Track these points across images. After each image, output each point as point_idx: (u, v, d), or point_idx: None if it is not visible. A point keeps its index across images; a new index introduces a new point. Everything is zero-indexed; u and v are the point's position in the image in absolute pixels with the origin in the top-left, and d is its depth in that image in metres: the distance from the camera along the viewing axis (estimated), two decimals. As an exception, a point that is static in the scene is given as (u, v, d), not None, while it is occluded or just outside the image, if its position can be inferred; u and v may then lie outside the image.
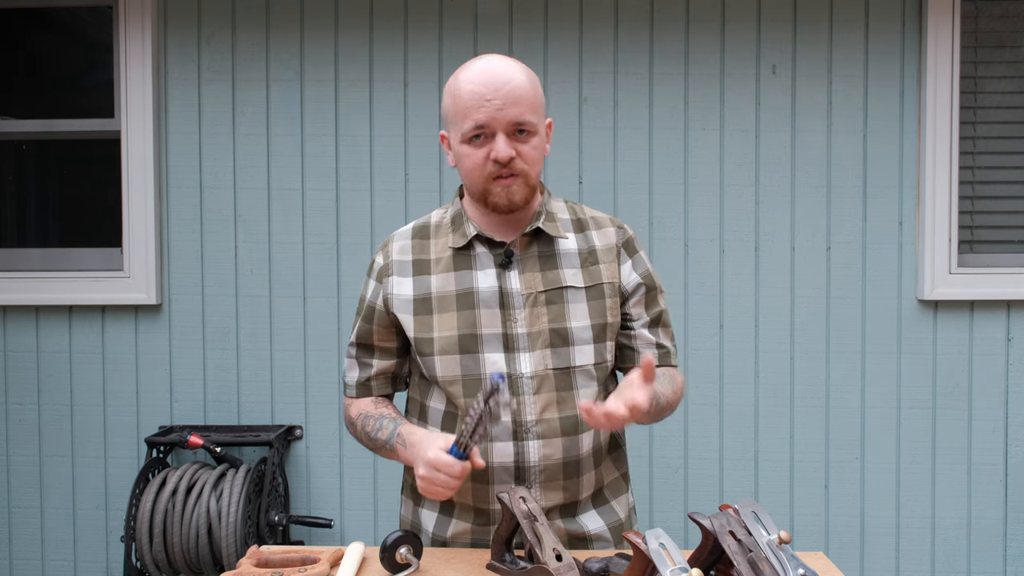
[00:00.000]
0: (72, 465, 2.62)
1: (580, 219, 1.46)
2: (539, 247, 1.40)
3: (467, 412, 1.26)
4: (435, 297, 1.38)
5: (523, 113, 1.31)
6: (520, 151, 1.33)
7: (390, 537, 1.26)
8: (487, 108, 1.30)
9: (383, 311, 1.42)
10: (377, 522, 2.58)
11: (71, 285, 2.58)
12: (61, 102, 2.75)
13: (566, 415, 1.36)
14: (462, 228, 1.41)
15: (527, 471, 1.35)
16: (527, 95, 1.32)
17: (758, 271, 2.55)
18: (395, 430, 1.37)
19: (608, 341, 1.41)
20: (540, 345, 1.36)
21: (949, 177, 2.49)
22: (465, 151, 1.34)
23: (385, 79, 2.56)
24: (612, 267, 1.42)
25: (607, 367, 1.42)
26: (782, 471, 2.55)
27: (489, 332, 1.36)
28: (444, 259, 1.40)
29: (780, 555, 1.07)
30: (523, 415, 1.35)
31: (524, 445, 1.34)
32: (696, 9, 2.54)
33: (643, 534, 1.09)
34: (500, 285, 1.37)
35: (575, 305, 1.38)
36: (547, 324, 1.36)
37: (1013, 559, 2.53)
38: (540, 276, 1.38)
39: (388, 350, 1.45)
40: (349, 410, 1.49)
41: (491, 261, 1.39)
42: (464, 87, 1.32)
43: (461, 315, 1.36)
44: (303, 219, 2.58)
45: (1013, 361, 2.53)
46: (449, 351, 1.36)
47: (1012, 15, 2.57)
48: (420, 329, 1.38)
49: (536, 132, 1.34)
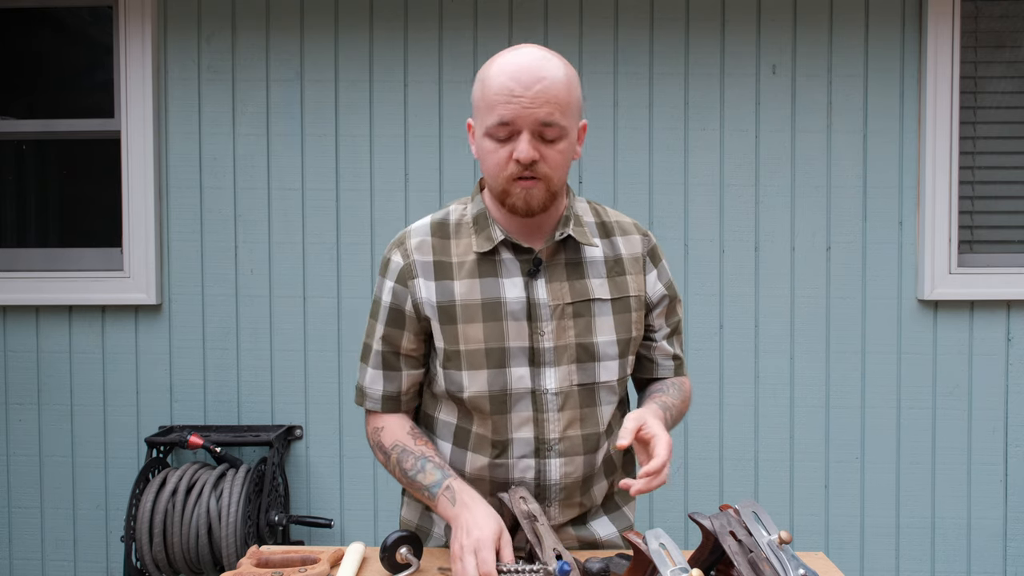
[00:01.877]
0: (72, 465, 2.62)
1: (605, 223, 1.40)
2: (566, 254, 1.33)
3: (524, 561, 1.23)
4: (459, 305, 1.30)
5: (552, 114, 1.21)
6: (544, 154, 1.23)
7: (390, 537, 1.26)
8: (514, 105, 1.20)
9: (414, 316, 1.33)
10: (377, 522, 2.58)
11: (71, 285, 2.58)
12: (61, 102, 2.75)
13: (589, 432, 1.33)
14: (487, 231, 1.32)
15: (547, 489, 1.32)
16: (560, 95, 1.22)
17: (758, 271, 2.55)
18: (443, 481, 1.28)
19: (631, 355, 1.37)
20: (566, 360, 1.30)
21: (949, 177, 2.49)
22: (488, 146, 1.25)
23: (385, 79, 2.56)
24: (639, 278, 1.37)
25: (627, 381, 1.40)
26: (782, 471, 2.55)
27: (516, 345, 1.29)
28: (468, 264, 1.32)
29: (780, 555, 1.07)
30: (546, 433, 1.30)
31: (546, 463, 1.31)
32: (696, 9, 2.54)
33: (643, 534, 1.09)
34: (528, 295, 1.30)
35: (601, 319, 1.33)
36: (574, 338, 1.31)
37: (1013, 559, 2.53)
38: (567, 286, 1.32)
39: (417, 359, 1.37)
40: (380, 434, 1.38)
41: (518, 269, 1.31)
42: (495, 77, 1.23)
43: (488, 326, 1.29)
44: (303, 219, 2.58)
45: (1013, 361, 2.53)
46: (477, 365, 1.29)
47: (1012, 15, 2.57)
48: (447, 340, 1.31)
49: (564, 136, 1.24)
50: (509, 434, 1.31)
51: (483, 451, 1.33)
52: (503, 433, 1.31)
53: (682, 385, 1.44)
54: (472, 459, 1.34)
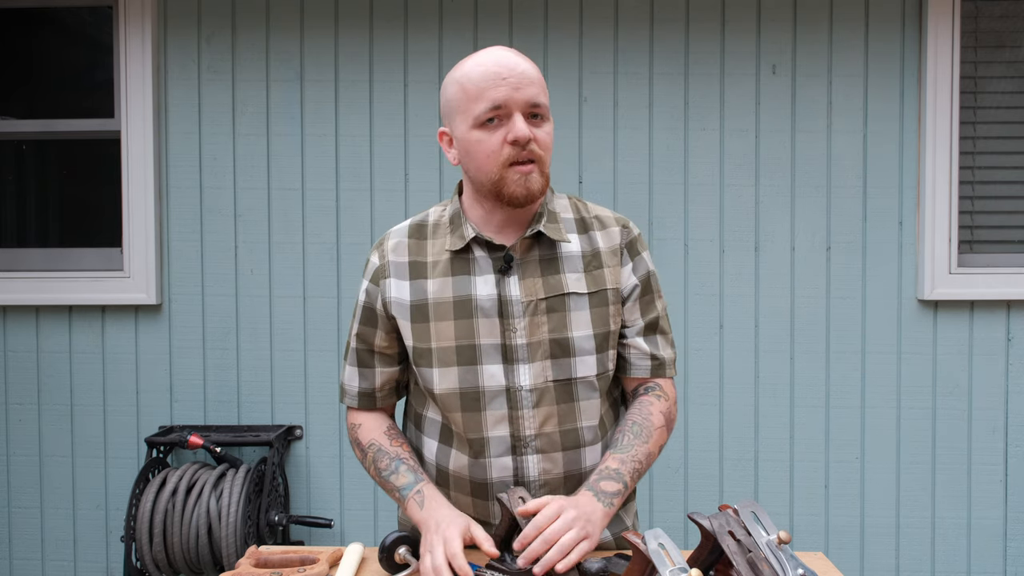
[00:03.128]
0: (72, 465, 2.62)
1: (584, 218, 1.39)
2: (540, 250, 1.33)
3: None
4: (432, 304, 1.32)
5: (538, 95, 1.25)
6: (536, 136, 1.25)
7: (389, 537, 1.26)
8: (504, 87, 1.22)
9: (384, 315, 1.36)
10: (377, 522, 2.58)
11: (71, 285, 2.58)
12: (61, 102, 2.75)
13: (567, 428, 1.32)
14: (460, 230, 1.33)
15: (527, 486, 1.32)
16: (539, 79, 1.27)
17: (758, 271, 2.55)
18: (415, 485, 1.30)
19: (611, 350, 1.35)
20: (540, 356, 1.30)
21: (949, 177, 2.49)
22: (477, 137, 1.25)
23: (385, 79, 2.56)
24: (615, 271, 1.36)
25: (609, 376, 1.37)
26: (782, 471, 2.55)
27: (488, 343, 1.30)
28: (441, 262, 1.33)
29: (780, 555, 1.07)
30: (522, 429, 1.30)
31: (523, 460, 1.31)
32: (696, 9, 2.54)
33: (642, 534, 1.09)
34: (499, 292, 1.30)
35: (577, 313, 1.31)
36: (547, 334, 1.30)
37: (1013, 559, 2.53)
38: (541, 282, 1.31)
39: (391, 356, 1.39)
40: (357, 431, 1.41)
41: (490, 266, 1.32)
42: (475, 70, 1.25)
43: (459, 324, 1.30)
44: (303, 219, 2.58)
45: (1013, 361, 2.53)
46: (447, 363, 1.30)
47: (1012, 15, 2.57)
48: (418, 338, 1.32)
49: (548, 118, 1.28)
50: (485, 432, 1.31)
51: (463, 449, 1.34)
52: (478, 431, 1.31)
53: (647, 421, 1.33)
54: (455, 457, 1.35)
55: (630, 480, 1.27)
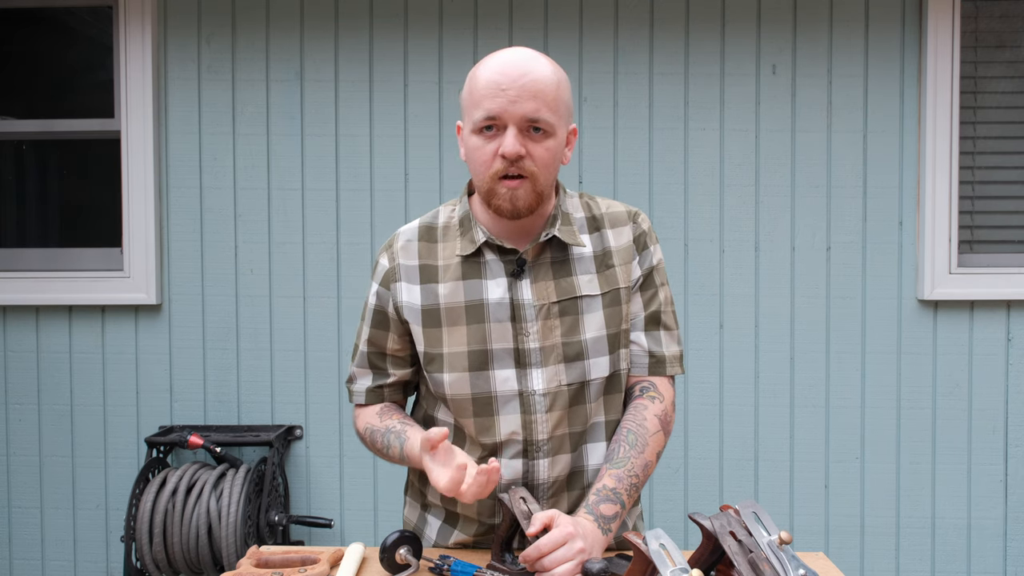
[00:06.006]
0: (72, 465, 2.62)
1: (595, 216, 1.36)
2: (552, 253, 1.31)
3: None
4: (443, 309, 1.30)
5: (539, 109, 1.20)
6: (531, 151, 1.21)
7: (390, 537, 1.26)
8: (500, 98, 1.19)
9: (396, 318, 1.34)
10: (377, 522, 2.58)
11: (71, 285, 2.58)
12: (61, 102, 2.75)
13: (575, 430, 1.32)
14: (470, 233, 1.31)
15: (536, 489, 1.32)
16: (547, 92, 1.21)
17: (758, 271, 2.55)
18: (401, 449, 1.30)
19: (622, 348, 1.33)
20: (553, 360, 1.29)
21: (949, 177, 2.49)
22: (474, 143, 1.24)
23: (385, 79, 2.56)
24: (627, 268, 1.34)
25: (622, 375, 1.35)
26: (782, 471, 2.55)
27: (500, 347, 1.28)
28: (452, 266, 1.31)
29: (781, 555, 1.07)
30: (535, 434, 1.29)
31: (534, 464, 1.31)
32: (696, 9, 2.54)
33: (643, 534, 1.09)
34: (511, 296, 1.28)
35: (590, 315, 1.30)
36: (560, 338, 1.29)
37: (1013, 559, 2.53)
38: (553, 285, 1.29)
39: (404, 359, 1.38)
40: (356, 423, 1.42)
41: (502, 270, 1.29)
42: (482, 74, 1.23)
43: (471, 329, 1.29)
44: (303, 219, 2.58)
45: (1013, 361, 2.53)
46: (458, 368, 1.29)
47: (1012, 15, 2.57)
48: (429, 343, 1.31)
49: (553, 134, 1.23)
50: (497, 436, 1.30)
51: (474, 451, 1.34)
52: (490, 435, 1.31)
53: (642, 424, 1.31)
54: None
55: (627, 499, 1.26)
